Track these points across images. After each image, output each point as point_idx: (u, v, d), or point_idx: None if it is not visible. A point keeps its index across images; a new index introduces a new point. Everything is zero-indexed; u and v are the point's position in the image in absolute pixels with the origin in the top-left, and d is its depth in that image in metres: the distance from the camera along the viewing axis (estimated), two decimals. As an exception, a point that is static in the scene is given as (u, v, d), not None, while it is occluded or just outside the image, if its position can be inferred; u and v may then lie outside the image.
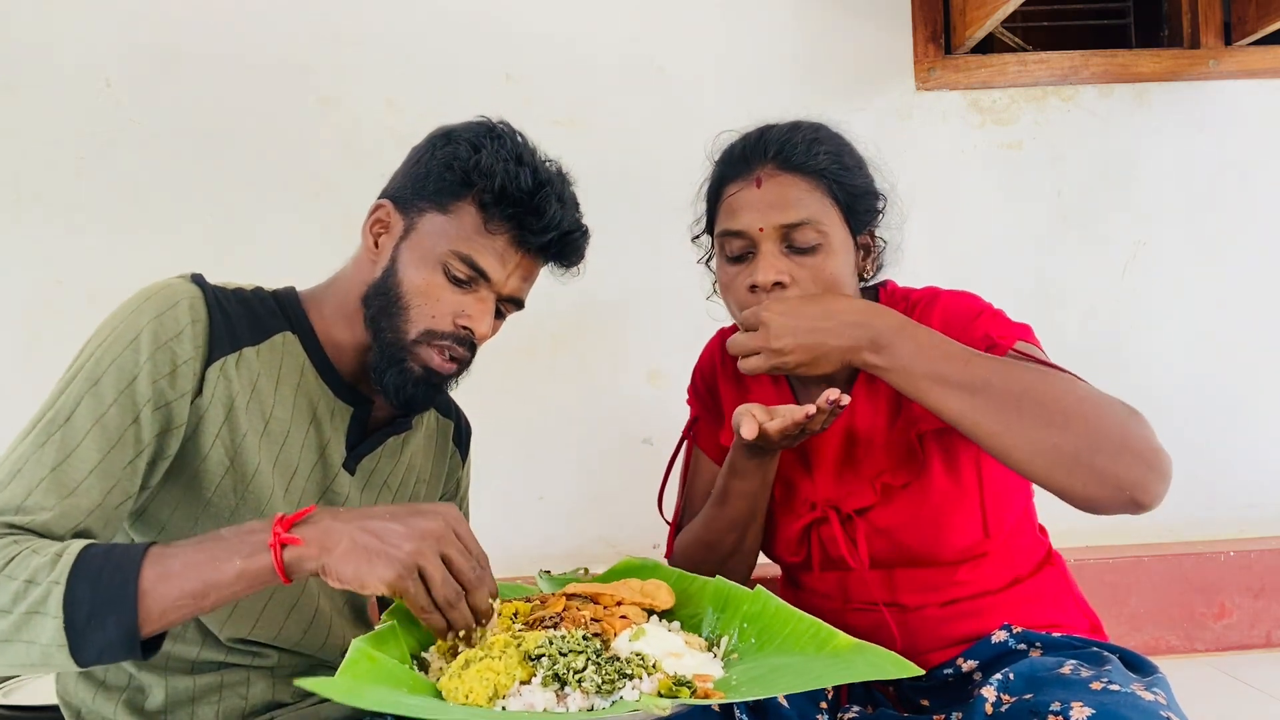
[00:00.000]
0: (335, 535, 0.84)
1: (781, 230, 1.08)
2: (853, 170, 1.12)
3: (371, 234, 1.08)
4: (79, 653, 0.80)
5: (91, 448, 0.90)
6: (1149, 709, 0.85)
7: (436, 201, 1.04)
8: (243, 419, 1.00)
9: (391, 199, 1.08)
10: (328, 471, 1.09)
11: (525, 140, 1.08)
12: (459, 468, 1.29)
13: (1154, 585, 1.95)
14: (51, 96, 1.89)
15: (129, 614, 0.81)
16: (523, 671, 0.80)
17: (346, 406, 1.10)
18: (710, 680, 0.82)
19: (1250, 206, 2.07)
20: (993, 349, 1.04)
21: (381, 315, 1.05)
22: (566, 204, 1.07)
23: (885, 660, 0.78)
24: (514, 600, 1.01)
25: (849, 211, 1.11)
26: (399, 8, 1.95)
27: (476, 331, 1.05)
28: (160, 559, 0.83)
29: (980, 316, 1.09)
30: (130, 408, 0.92)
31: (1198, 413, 2.06)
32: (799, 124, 1.14)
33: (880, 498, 1.11)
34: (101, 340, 0.95)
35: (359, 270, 1.09)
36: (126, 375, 0.93)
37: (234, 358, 1.00)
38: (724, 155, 1.17)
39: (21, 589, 0.81)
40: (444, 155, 1.05)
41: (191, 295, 0.98)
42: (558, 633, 0.85)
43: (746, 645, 0.91)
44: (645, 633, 0.88)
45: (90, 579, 0.81)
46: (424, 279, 1.04)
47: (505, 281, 1.05)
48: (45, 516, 0.87)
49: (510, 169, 1.02)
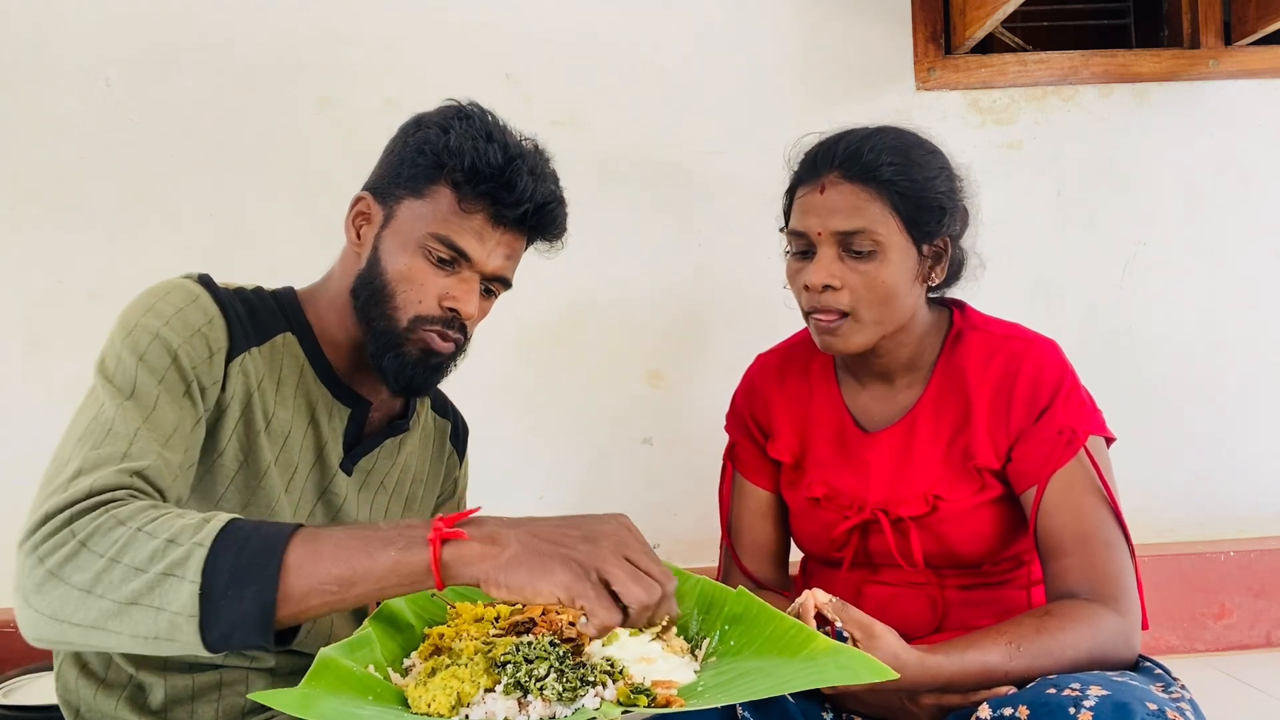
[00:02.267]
0: (504, 539, 0.78)
1: (837, 236, 1.13)
2: (919, 182, 1.14)
3: (354, 227, 1.10)
4: (209, 627, 0.74)
5: (167, 407, 0.91)
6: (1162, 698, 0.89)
7: (412, 188, 1.05)
8: (256, 416, 1.01)
9: (370, 190, 1.10)
10: (325, 472, 1.09)
11: (495, 119, 1.08)
12: (456, 467, 1.29)
13: (1154, 585, 1.94)
14: (52, 96, 1.89)
15: (270, 588, 0.74)
16: (488, 679, 0.79)
17: (344, 408, 1.10)
18: (674, 687, 0.81)
19: (1250, 206, 2.07)
20: (1071, 443, 1.11)
21: (370, 305, 1.05)
22: (539, 176, 1.07)
23: (858, 663, 0.78)
24: (499, 603, 1.01)
25: (911, 222, 1.14)
26: (399, 8, 1.95)
27: (463, 312, 1.05)
28: (311, 539, 0.78)
29: (1059, 395, 1.14)
30: (180, 377, 0.93)
31: (1198, 412, 2.06)
32: (876, 131, 1.18)
33: (930, 510, 1.17)
34: (131, 325, 0.95)
35: (346, 265, 1.11)
36: (169, 351, 0.93)
37: (246, 355, 1.01)
38: (801, 159, 1.22)
39: (161, 548, 0.75)
40: (415, 141, 1.06)
41: (203, 295, 1.00)
42: (527, 639, 0.84)
43: (727, 647, 0.91)
44: (618, 637, 0.87)
45: (235, 547, 0.76)
46: (406, 264, 1.04)
47: (487, 260, 1.05)
48: (151, 461, 0.85)
49: (480, 146, 1.02)
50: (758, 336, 1.44)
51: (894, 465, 1.20)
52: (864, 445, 1.23)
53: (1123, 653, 1.04)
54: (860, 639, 0.94)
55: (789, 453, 1.28)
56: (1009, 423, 1.15)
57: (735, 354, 1.48)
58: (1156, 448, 2.04)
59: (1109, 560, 1.09)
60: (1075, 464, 1.12)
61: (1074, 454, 1.11)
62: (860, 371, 1.26)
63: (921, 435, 1.20)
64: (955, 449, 1.18)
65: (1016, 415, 1.15)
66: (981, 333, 1.21)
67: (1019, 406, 1.15)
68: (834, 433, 1.26)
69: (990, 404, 1.17)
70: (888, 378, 1.24)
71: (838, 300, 1.13)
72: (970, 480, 1.17)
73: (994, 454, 1.16)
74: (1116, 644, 1.04)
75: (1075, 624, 1.03)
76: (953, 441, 1.18)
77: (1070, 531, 1.10)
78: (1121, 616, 1.05)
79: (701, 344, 1.98)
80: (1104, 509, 1.11)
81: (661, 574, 0.80)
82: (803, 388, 1.30)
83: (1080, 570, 1.09)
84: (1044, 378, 1.15)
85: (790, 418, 1.29)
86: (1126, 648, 1.05)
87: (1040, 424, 1.14)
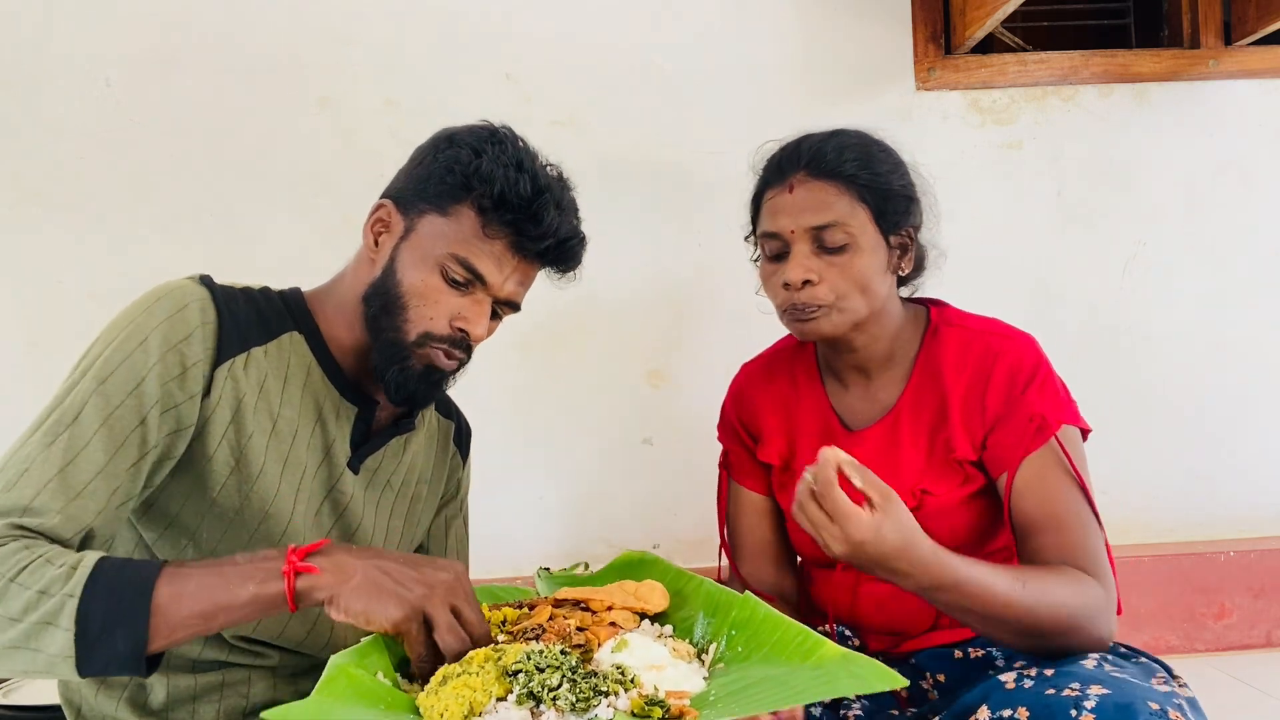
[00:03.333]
0: (350, 569, 0.87)
1: (811, 232, 1.16)
2: (882, 174, 1.19)
3: (372, 233, 1.09)
4: (85, 665, 0.81)
5: (98, 449, 0.90)
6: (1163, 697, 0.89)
7: (437, 204, 1.05)
8: (250, 420, 1.01)
9: (393, 199, 1.09)
10: (333, 471, 1.09)
11: (526, 146, 1.09)
12: (459, 468, 1.29)
13: (1154, 585, 1.95)
14: (52, 96, 1.89)
15: (140, 627, 0.82)
16: (499, 688, 0.79)
17: (351, 406, 1.11)
18: (687, 697, 0.80)
19: (1250, 206, 2.07)
20: (1042, 430, 1.13)
21: (381, 315, 1.05)
22: (565, 211, 1.08)
23: (870, 672, 0.77)
24: (504, 606, 1.00)
25: (879, 213, 1.18)
26: (399, 8, 1.95)
27: (472, 334, 1.06)
28: (175, 578, 0.85)
29: (1043, 389, 1.16)
30: (137, 409, 0.93)
31: (1197, 412, 2.06)
32: (835, 132, 1.22)
33: (917, 505, 1.17)
34: (111, 340, 0.95)
35: (359, 270, 1.10)
36: (135, 376, 0.93)
37: (242, 358, 1.01)
38: (765, 164, 1.26)
39: (34, 599, 0.81)
40: (446, 159, 1.05)
41: (201, 297, 1.00)
42: (536, 646, 0.84)
43: (734, 653, 0.90)
44: (628, 644, 0.87)
45: (104, 594, 0.82)
46: (422, 280, 1.04)
47: (502, 286, 1.06)
48: (53, 520, 0.87)
49: (510, 175, 1.02)
50: (758, 336, 1.44)
51: (879, 462, 1.20)
52: (849, 444, 1.23)
53: (1101, 626, 1.04)
54: (878, 502, 0.94)
55: (777, 455, 1.30)
56: (984, 413, 1.17)
57: (735, 354, 1.48)
58: (1156, 448, 2.04)
59: (1085, 538, 1.09)
60: (1046, 450, 1.12)
61: (1044, 440, 1.12)
62: (841, 369, 1.27)
63: (904, 431, 1.21)
64: (938, 443, 1.19)
65: (991, 405, 1.16)
66: (958, 328, 1.23)
67: (993, 396, 1.16)
68: (819, 432, 1.28)
69: (966, 396, 1.18)
70: (867, 373, 1.25)
71: (816, 294, 1.16)
72: (953, 473, 1.18)
73: (971, 445, 1.17)
74: (1099, 614, 1.04)
75: (1069, 581, 1.04)
76: (934, 436, 1.20)
77: (1044, 512, 1.10)
78: (1104, 590, 1.06)
79: (701, 344, 1.98)
80: (1077, 492, 1.11)
81: (479, 629, 0.90)
82: (788, 390, 1.32)
83: (1057, 546, 1.09)
84: (1018, 368, 1.17)
85: (777, 420, 1.31)
86: (1105, 622, 1.05)
87: (1013, 412, 1.15)
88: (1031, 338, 1.22)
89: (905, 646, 1.22)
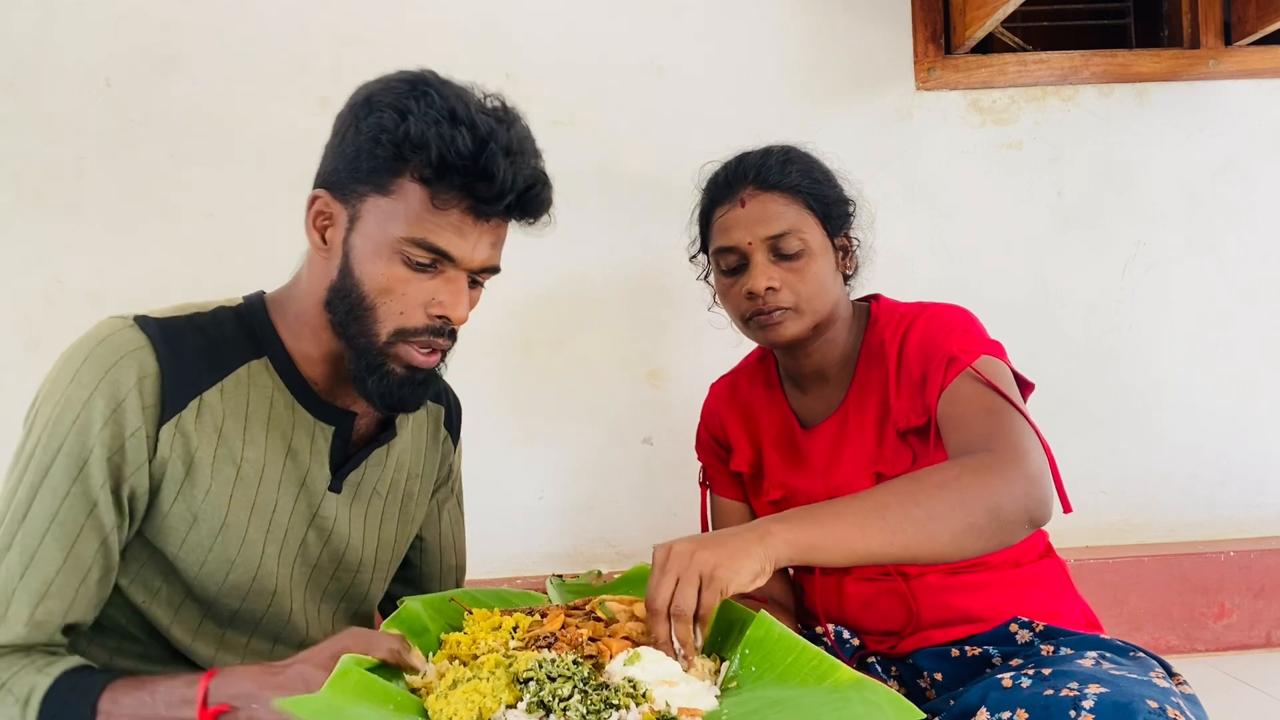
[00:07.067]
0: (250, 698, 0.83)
1: (768, 241, 1.22)
2: (823, 182, 1.27)
3: (316, 230, 0.98)
4: None
5: (53, 548, 0.89)
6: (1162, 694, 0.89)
7: (374, 183, 0.93)
8: (206, 473, 0.95)
9: (326, 187, 0.97)
10: (312, 500, 1.04)
11: (455, 88, 0.94)
12: (451, 452, 1.25)
13: (1154, 585, 1.95)
14: (52, 96, 1.89)
15: None
16: (509, 694, 0.78)
17: (327, 426, 1.04)
18: (699, 715, 0.79)
19: (1250, 206, 2.07)
20: (952, 363, 1.14)
21: (349, 320, 0.96)
22: (517, 155, 0.93)
23: (885, 700, 0.75)
24: (516, 612, 0.99)
25: (825, 218, 1.25)
26: (399, 8, 1.95)
27: (453, 318, 0.96)
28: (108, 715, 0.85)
29: (952, 333, 1.19)
30: (85, 495, 0.90)
31: (1197, 412, 2.06)
32: (770, 149, 1.28)
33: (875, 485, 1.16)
34: (48, 418, 0.91)
35: (314, 271, 1.00)
36: (77, 460, 0.89)
37: (193, 407, 0.94)
38: (710, 183, 1.31)
39: None
40: (369, 128, 0.92)
41: (137, 347, 0.92)
42: (549, 655, 0.82)
43: (747, 672, 0.89)
44: (640, 657, 0.84)
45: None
46: (383, 273, 0.93)
47: (472, 256, 0.95)
48: (20, 631, 0.88)
49: (445, 133, 0.89)
50: (758, 336, 1.44)
51: (834, 452, 1.26)
52: (806, 441, 1.30)
53: (1017, 504, 0.97)
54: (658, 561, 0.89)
55: (746, 462, 1.35)
56: (911, 374, 1.20)
57: (735, 354, 1.49)
58: (1156, 448, 2.05)
59: (1010, 426, 1.05)
60: (962, 380, 1.13)
61: (958, 372, 1.14)
62: (799, 375, 1.32)
63: (853, 420, 1.26)
64: (886, 425, 1.22)
65: (914, 364, 1.20)
66: (894, 313, 1.28)
67: (912, 355, 1.20)
68: (780, 435, 1.33)
69: (898, 367, 1.22)
70: (824, 377, 1.30)
71: (779, 300, 1.21)
72: (905, 449, 1.21)
73: (914, 411, 1.20)
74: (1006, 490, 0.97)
75: (950, 465, 1.00)
76: (882, 417, 1.23)
77: (967, 413, 1.09)
78: (1020, 468, 1.00)
79: (701, 344, 1.98)
80: (1000, 399, 1.09)
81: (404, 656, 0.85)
82: (751, 401, 1.38)
83: (980, 434, 1.06)
84: (932, 323, 1.21)
85: (745, 430, 1.37)
86: (1024, 497, 0.98)
87: (930, 360, 1.18)
88: (961, 307, 1.24)
89: (903, 646, 1.22)
